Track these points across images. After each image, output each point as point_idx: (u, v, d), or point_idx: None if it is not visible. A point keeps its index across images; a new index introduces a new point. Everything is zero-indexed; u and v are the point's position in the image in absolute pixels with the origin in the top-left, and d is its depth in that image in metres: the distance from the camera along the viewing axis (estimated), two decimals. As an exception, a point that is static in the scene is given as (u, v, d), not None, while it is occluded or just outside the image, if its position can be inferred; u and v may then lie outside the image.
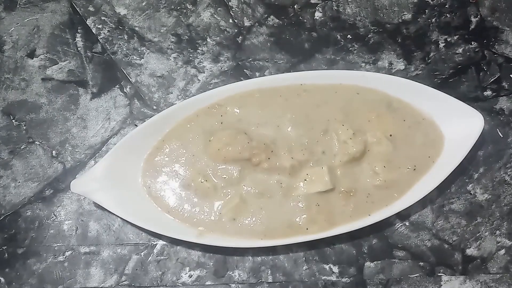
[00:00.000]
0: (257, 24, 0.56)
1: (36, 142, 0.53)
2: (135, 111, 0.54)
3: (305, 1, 0.57)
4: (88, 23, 0.56)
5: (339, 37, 0.56)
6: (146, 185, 0.49)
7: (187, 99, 0.51)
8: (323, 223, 0.47)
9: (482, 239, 0.50)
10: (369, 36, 0.55)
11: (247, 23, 0.56)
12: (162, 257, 0.50)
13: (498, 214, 0.51)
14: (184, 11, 0.57)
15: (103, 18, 0.56)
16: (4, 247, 0.50)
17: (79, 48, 0.55)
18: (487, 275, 0.49)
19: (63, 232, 0.50)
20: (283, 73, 0.54)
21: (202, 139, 0.50)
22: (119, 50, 0.55)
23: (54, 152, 0.53)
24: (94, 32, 0.56)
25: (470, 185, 0.51)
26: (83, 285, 0.49)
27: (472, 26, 0.56)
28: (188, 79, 0.55)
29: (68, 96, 0.54)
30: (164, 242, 0.50)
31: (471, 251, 0.50)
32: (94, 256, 0.50)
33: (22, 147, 0.53)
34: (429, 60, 0.55)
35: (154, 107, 0.54)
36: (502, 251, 0.50)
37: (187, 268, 0.50)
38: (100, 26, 0.56)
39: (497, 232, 0.50)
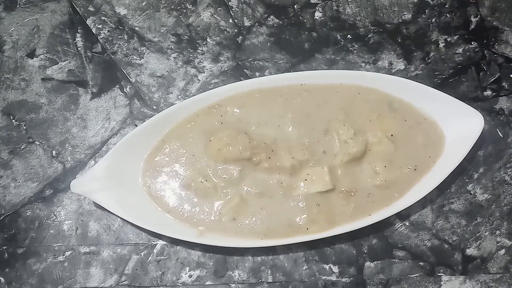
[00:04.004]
0: (257, 24, 0.56)
1: (36, 142, 0.53)
2: (135, 111, 0.54)
3: (305, 1, 0.57)
4: (88, 23, 0.56)
5: (339, 37, 0.56)
6: (146, 185, 0.49)
7: (187, 99, 0.51)
8: (323, 223, 0.47)
9: (482, 239, 0.50)
10: (369, 36, 0.55)
11: (247, 23, 0.56)
12: (162, 257, 0.50)
13: (498, 214, 0.51)
14: (184, 11, 0.57)
15: (103, 18, 0.56)
16: (4, 247, 0.50)
17: (79, 48, 0.55)
18: (487, 275, 0.49)
19: (63, 232, 0.50)
20: (283, 73, 0.54)
21: (202, 139, 0.50)
22: (119, 50, 0.55)
23: (54, 152, 0.52)
24: (94, 32, 0.56)
25: (470, 185, 0.51)
26: (83, 285, 0.49)
27: (472, 26, 0.56)
28: (188, 79, 0.54)
29: (68, 96, 0.54)
30: (164, 242, 0.50)
31: (471, 251, 0.50)
32: (94, 256, 0.50)
33: (22, 147, 0.53)
34: (429, 60, 0.55)
35: (154, 107, 0.54)
36: (502, 251, 0.50)
37: (187, 268, 0.49)
38: (100, 26, 0.56)
39: (497, 232, 0.50)
